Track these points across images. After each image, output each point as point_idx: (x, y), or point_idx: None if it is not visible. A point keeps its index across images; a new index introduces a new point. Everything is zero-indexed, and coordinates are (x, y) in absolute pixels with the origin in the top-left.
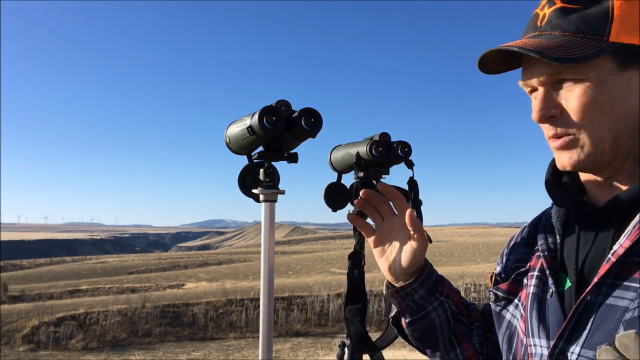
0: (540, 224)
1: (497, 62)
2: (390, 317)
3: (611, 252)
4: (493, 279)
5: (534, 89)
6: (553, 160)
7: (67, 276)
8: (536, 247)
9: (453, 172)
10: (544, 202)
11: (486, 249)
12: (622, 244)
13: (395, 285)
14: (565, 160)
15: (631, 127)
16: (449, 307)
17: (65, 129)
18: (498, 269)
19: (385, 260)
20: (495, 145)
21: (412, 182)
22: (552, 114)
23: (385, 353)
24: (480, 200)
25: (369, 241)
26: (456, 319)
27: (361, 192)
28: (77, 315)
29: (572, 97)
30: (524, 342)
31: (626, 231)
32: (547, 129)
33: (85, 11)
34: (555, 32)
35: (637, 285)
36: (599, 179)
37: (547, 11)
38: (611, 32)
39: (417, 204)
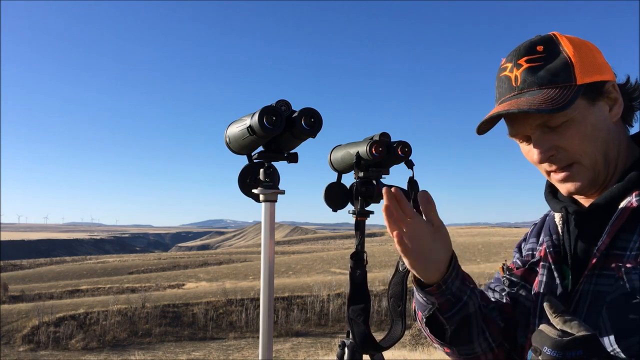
0: (547, 219)
1: (486, 123)
2: (424, 317)
3: (596, 247)
4: (505, 268)
5: (525, 137)
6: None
7: (67, 276)
8: (542, 240)
9: (453, 172)
10: (544, 202)
11: (486, 249)
12: (603, 240)
13: (428, 282)
14: (571, 188)
15: (612, 145)
16: (478, 293)
17: (65, 129)
18: (516, 257)
19: (420, 257)
20: (495, 145)
21: (412, 182)
22: (551, 153)
23: (385, 353)
24: (480, 200)
25: (397, 242)
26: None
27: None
28: (77, 315)
29: (565, 137)
30: (533, 322)
31: (606, 229)
32: (548, 167)
33: (85, 12)
34: (533, 88)
35: (613, 273)
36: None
37: (517, 73)
38: (576, 76)
39: (417, 204)
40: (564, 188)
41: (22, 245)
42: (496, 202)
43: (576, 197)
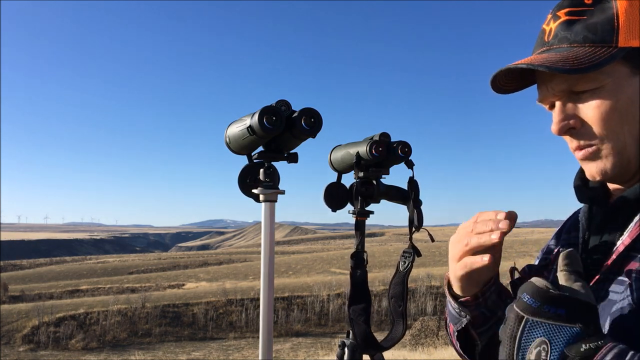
0: (572, 218)
1: (510, 81)
2: (456, 331)
3: (614, 247)
4: (513, 269)
5: (552, 105)
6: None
7: (67, 276)
8: (560, 241)
9: (453, 172)
10: (544, 202)
11: None
12: (623, 240)
13: (465, 294)
14: (593, 170)
15: None
16: None
17: (65, 129)
18: (540, 255)
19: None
20: (495, 146)
21: (412, 182)
22: (571, 125)
23: (385, 353)
24: (480, 201)
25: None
26: None
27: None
28: (77, 315)
29: (589, 107)
30: None
31: (628, 228)
32: (570, 141)
33: (83, 13)
34: (563, 45)
35: (626, 279)
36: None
37: (553, 26)
38: (619, 37)
39: (417, 204)
40: (586, 171)
41: (22, 245)
42: (496, 202)
43: (611, 185)
